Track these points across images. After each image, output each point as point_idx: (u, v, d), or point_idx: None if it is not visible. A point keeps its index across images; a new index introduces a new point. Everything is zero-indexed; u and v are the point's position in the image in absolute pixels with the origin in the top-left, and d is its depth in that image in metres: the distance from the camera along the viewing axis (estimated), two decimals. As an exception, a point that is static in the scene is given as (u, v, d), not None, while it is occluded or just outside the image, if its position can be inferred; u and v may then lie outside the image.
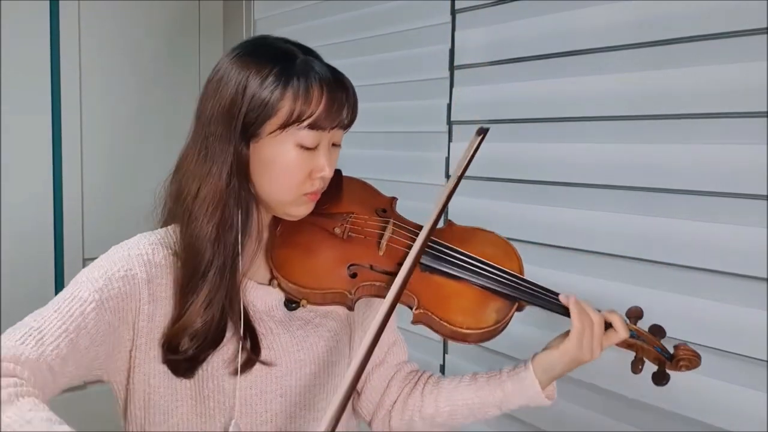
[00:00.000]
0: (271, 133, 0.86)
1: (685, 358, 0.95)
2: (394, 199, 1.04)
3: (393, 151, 1.95)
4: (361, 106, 0.92)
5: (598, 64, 1.41)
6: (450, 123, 1.76)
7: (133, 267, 0.86)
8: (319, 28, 2.22)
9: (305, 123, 0.85)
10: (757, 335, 1.17)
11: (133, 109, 2.56)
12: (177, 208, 0.91)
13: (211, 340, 0.87)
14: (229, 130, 0.86)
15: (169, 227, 0.93)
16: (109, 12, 2.50)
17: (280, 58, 0.87)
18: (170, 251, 0.90)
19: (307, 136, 0.86)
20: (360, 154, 2.01)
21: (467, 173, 1.01)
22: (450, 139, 1.76)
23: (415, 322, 0.93)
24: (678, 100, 1.28)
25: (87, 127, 2.48)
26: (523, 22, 1.56)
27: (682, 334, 1.28)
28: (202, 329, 0.86)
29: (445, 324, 0.91)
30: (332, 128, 0.88)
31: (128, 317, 0.86)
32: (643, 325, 0.99)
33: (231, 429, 0.90)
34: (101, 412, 0.75)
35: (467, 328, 0.91)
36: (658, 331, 0.98)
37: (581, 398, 1.46)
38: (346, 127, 0.91)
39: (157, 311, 0.87)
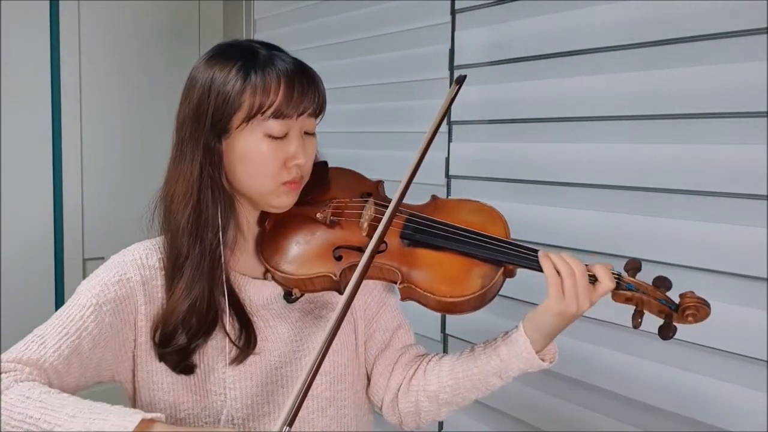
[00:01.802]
0: (238, 126, 0.88)
1: (692, 306, 0.87)
2: (380, 183, 1.04)
3: (393, 151, 1.95)
4: (361, 106, 0.93)
5: (598, 64, 1.41)
6: (450, 123, 1.76)
7: (128, 271, 0.90)
8: (319, 28, 2.22)
9: (268, 113, 0.87)
10: (757, 335, 1.17)
11: (132, 109, 2.57)
12: (161, 210, 0.94)
13: (201, 330, 0.89)
14: (198, 128, 0.89)
15: (164, 235, 0.95)
16: (109, 12, 2.50)
17: (241, 54, 0.90)
18: (163, 255, 0.93)
19: (273, 125, 0.88)
20: (360, 154, 2.01)
21: (474, 173, 1.00)
22: (450, 139, 1.76)
23: (402, 298, 0.94)
24: (678, 100, 1.28)
25: (87, 127, 2.48)
26: (523, 22, 1.56)
27: (681, 333, 1.28)
28: (189, 317, 0.88)
29: (429, 295, 0.90)
30: (299, 116, 0.90)
31: (129, 318, 0.90)
32: (647, 277, 0.93)
33: (222, 421, 0.91)
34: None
35: (451, 297, 0.90)
36: (662, 282, 0.91)
37: (581, 398, 1.46)
38: (314, 115, 0.93)
39: (153, 311, 0.91)
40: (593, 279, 0.90)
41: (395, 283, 0.93)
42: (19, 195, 2.34)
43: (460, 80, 1.06)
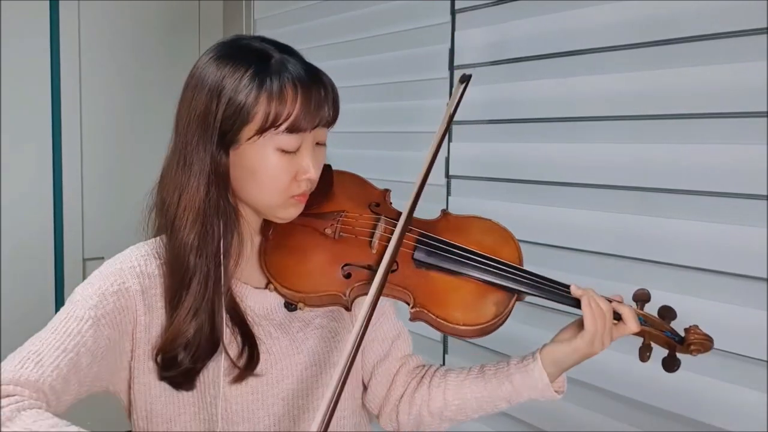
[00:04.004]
0: (249, 138, 0.83)
1: (697, 342, 0.89)
2: (387, 192, 1.00)
3: (393, 151, 1.95)
4: (361, 106, 0.92)
5: (598, 64, 1.41)
6: (450, 123, 1.76)
7: (126, 280, 0.86)
8: (319, 28, 2.22)
9: (283, 127, 0.82)
10: (757, 335, 1.17)
11: (132, 109, 2.56)
12: (162, 219, 0.90)
13: (205, 350, 0.86)
14: (205, 138, 0.84)
15: (160, 237, 0.92)
16: (109, 12, 2.50)
17: (254, 58, 0.84)
18: (161, 261, 0.89)
19: (286, 139, 0.83)
20: (360, 154, 2.01)
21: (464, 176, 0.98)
22: (450, 139, 1.76)
23: (412, 319, 0.91)
24: (678, 100, 1.28)
25: (87, 127, 2.48)
26: (523, 22, 1.56)
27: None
28: (194, 339, 0.85)
29: (442, 321, 0.88)
30: (313, 128, 0.85)
31: (127, 329, 0.86)
32: (652, 307, 0.93)
33: None
34: (102, 412, 0.75)
35: (464, 324, 0.88)
36: (667, 312, 0.92)
37: (581, 398, 1.46)
38: (328, 125, 0.88)
39: (153, 321, 0.87)
40: (617, 317, 0.90)
41: (407, 304, 0.90)
42: (18, 195, 2.34)
43: (465, 79, 0.98)
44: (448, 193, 1.77)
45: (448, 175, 1.77)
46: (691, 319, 1.25)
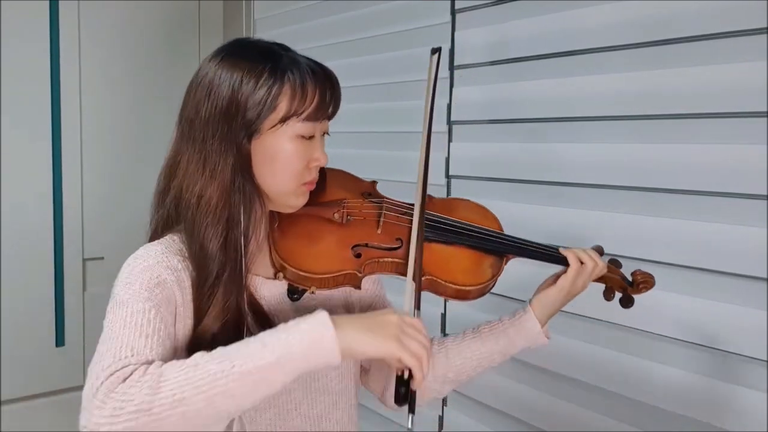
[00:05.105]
0: (271, 127, 0.89)
1: (643, 281, 1.09)
2: (374, 183, 1.10)
3: (393, 151, 1.95)
4: (361, 106, 0.94)
5: (598, 64, 1.41)
6: (450, 123, 1.76)
7: (161, 273, 0.87)
8: (319, 28, 2.22)
9: (303, 115, 0.89)
10: (757, 335, 1.17)
11: (133, 109, 2.56)
12: (179, 215, 0.92)
13: (231, 340, 0.87)
14: (229, 129, 0.88)
15: (169, 237, 0.93)
16: (109, 12, 2.50)
17: (266, 56, 0.90)
18: (181, 256, 0.90)
19: (304, 127, 0.90)
20: (360, 154, 2.01)
21: (483, 174, 1.00)
22: (450, 139, 1.76)
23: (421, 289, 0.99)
24: (678, 100, 1.28)
25: (87, 128, 2.48)
26: (523, 22, 1.56)
27: (682, 333, 1.28)
28: (221, 332, 0.87)
29: (450, 285, 0.99)
30: (325, 117, 0.94)
31: (171, 320, 0.87)
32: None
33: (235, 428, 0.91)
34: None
35: (469, 285, 1.00)
36: (616, 263, 1.11)
37: (581, 398, 1.46)
38: (332, 116, 0.97)
39: (186, 313, 0.89)
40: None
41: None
42: (18, 195, 2.34)
43: (436, 50, 1.09)
44: (449, 193, 1.77)
45: (448, 175, 1.77)
46: (690, 319, 1.25)
